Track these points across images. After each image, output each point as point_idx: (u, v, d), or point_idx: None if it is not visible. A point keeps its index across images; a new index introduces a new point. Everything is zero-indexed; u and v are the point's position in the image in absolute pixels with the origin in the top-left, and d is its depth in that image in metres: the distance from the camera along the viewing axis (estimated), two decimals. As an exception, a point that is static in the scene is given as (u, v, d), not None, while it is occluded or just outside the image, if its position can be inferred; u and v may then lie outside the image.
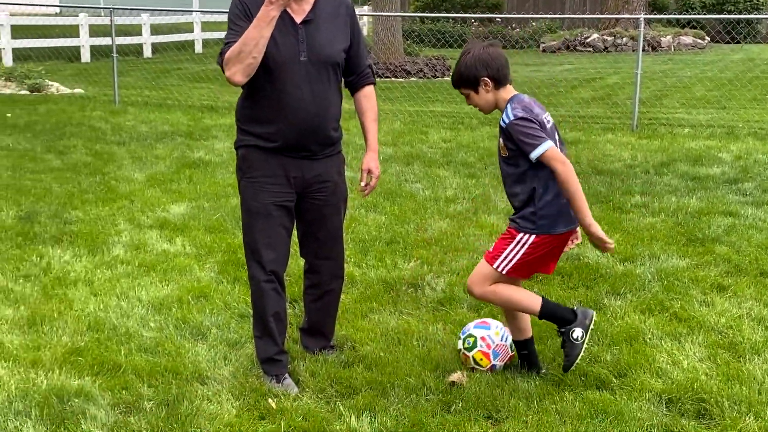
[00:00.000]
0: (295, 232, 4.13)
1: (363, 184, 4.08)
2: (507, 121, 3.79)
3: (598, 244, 3.84)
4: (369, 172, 4.09)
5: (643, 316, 4.91)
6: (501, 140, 3.89)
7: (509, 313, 4.16)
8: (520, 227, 3.91)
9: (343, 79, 4.07)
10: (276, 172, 3.88)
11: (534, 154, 3.73)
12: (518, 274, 3.99)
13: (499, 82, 3.87)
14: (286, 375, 4.06)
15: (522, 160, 3.82)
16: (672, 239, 6.43)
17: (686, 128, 11.39)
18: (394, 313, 5.00)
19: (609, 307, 5.06)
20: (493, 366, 4.18)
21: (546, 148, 3.72)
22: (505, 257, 3.93)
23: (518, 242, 3.90)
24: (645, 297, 5.22)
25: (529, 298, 4.02)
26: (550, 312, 3.99)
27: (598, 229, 3.79)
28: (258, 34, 3.57)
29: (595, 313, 4.04)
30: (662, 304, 5.08)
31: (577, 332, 3.93)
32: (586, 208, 3.77)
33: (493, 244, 4.03)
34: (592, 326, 3.98)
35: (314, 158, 3.92)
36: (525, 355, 4.18)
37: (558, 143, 3.90)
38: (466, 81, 3.90)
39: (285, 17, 3.74)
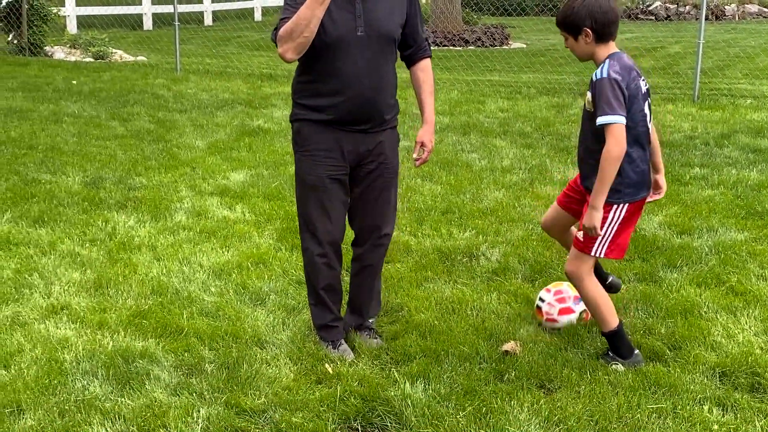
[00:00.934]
0: None
1: (415, 155, 4.12)
2: (599, 76, 3.71)
3: (589, 228, 3.77)
4: (422, 144, 4.10)
5: (699, 289, 4.90)
6: (588, 94, 3.82)
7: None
8: (607, 200, 3.79)
9: (398, 53, 4.05)
10: (331, 145, 3.90)
11: (600, 120, 3.67)
12: (615, 254, 3.93)
13: (602, 36, 3.78)
14: (342, 341, 4.15)
15: None
16: (730, 212, 6.37)
17: (748, 99, 11.20)
18: (449, 282, 5.06)
19: (665, 279, 5.06)
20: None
21: (614, 120, 3.64)
22: (601, 240, 3.87)
23: (610, 219, 3.84)
24: (701, 270, 5.20)
25: (610, 311, 3.97)
26: (619, 338, 3.96)
27: (596, 217, 3.74)
28: (310, 14, 3.60)
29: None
30: (719, 277, 5.06)
31: (619, 368, 3.92)
32: (604, 194, 3.71)
33: (581, 231, 3.93)
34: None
35: (368, 132, 3.94)
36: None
37: (648, 109, 3.85)
38: (568, 25, 3.83)
39: None
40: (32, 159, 7.75)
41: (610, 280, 4.38)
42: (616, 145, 3.65)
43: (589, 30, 3.77)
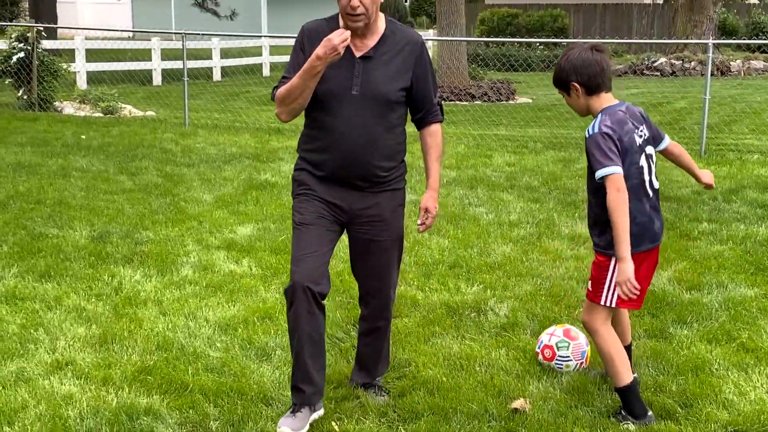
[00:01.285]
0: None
1: (419, 221, 4.05)
2: (591, 132, 3.82)
3: (621, 282, 3.74)
4: (426, 210, 4.02)
5: (710, 345, 4.85)
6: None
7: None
8: (606, 253, 3.87)
9: (409, 116, 4.03)
10: (325, 192, 3.89)
11: (598, 173, 3.74)
12: (628, 304, 3.94)
13: (591, 89, 3.87)
14: (303, 410, 3.80)
15: None
16: (740, 268, 6.34)
17: (756, 155, 11.21)
18: (457, 337, 5.02)
19: (675, 336, 5.01)
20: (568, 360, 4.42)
21: (610, 171, 3.71)
22: (607, 289, 3.89)
23: (611, 269, 3.87)
24: (712, 326, 5.15)
25: (625, 366, 3.94)
26: (632, 394, 3.92)
27: (628, 268, 3.72)
28: (303, 85, 3.67)
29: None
30: (729, 334, 5.01)
31: (630, 427, 3.87)
32: (624, 242, 3.71)
33: (590, 281, 3.98)
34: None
35: (364, 191, 3.89)
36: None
37: (647, 160, 3.89)
38: (560, 83, 3.96)
39: (346, 51, 3.72)
40: (40, 213, 7.77)
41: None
42: (617, 193, 3.70)
43: (576, 84, 3.88)
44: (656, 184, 4.00)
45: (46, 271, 6.10)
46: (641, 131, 3.91)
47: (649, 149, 3.96)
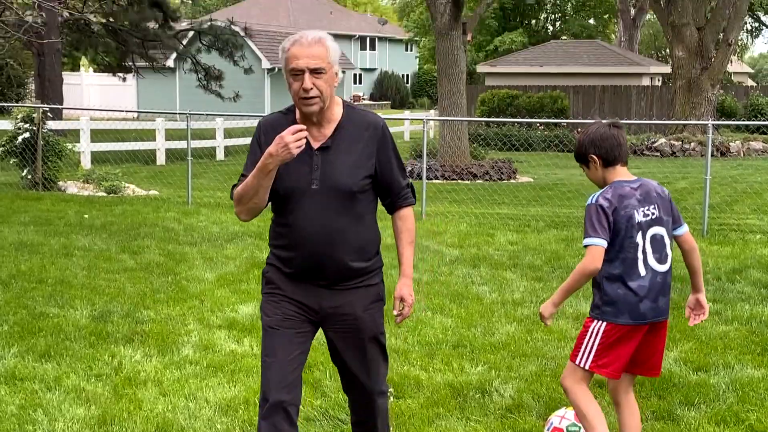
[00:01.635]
0: None
1: (396, 312, 3.79)
2: (589, 201, 4.00)
3: (540, 311, 4.11)
4: (401, 299, 3.78)
5: (718, 428, 4.77)
6: None
7: (617, 407, 4.18)
8: (591, 315, 4.02)
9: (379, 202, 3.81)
10: (293, 292, 3.65)
11: (584, 242, 3.94)
12: (604, 371, 3.96)
13: (607, 161, 4.04)
14: None
15: None
16: (746, 348, 6.28)
17: (758, 234, 11.21)
18: (461, 419, 4.94)
19: (682, 417, 4.93)
20: None
21: (593, 242, 3.88)
22: (583, 350, 3.99)
23: (590, 332, 3.98)
24: (719, 408, 5.07)
25: (601, 426, 3.92)
26: None
27: (545, 307, 4.09)
28: (257, 184, 3.47)
29: None
30: (737, 415, 4.94)
31: None
32: (561, 294, 4.03)
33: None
34: None
35: (333, 288, 3.65)
36: None
37: (642, 239, 3.94)
38: (580, 157, 4.13)
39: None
40: (41, 293, 7.74)
41: None
42: (589, 263, 3.89)
43: (594, 157, 4.04)
44: (660, 267, 4.00)
45: (46, 351, 6.04)
46: (648, 209, 3.97)
47: (656, 229, 3.99)
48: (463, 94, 19.02)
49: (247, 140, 24.65)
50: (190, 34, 28.31)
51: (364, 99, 61.13)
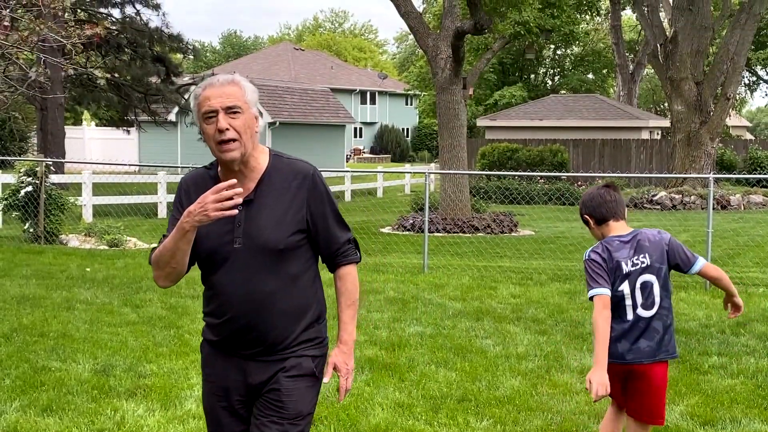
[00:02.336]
0: None
1: (326, 380, 3.36)
2: (584, 258, 4.33)
3: (587, 379, 4.11)
4: (335, 368, 3.37)
5: (728, 483, 4.72)
6: None
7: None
8: None
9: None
10: (222, 372, 3.32)
11: (588, 294, 4.24)
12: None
13: (599, 220, 4.37)
14: None
15: None
16: (753, 402, 6.23)
17: (761, 287, 11.19)
18: (468, 474, 4.88)
19: (691, 472, 4.87)
20: None
21: (595, 293, 4.19)
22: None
23: None
24: (729, 463, 5.02)
25: None
26: None
27: (592, 375, 4.07)
28: (174, 246, 3.12)
29: None
30: (747, 470, 4.88)
31: None
32: (598, 354, 4.12)
33: None
34: None
35: (261, 359, 3.26)
36: None
37: (633, 288, 4.23)
38: (582, 218, 4.46)
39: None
40: (43, 346, 7.70)
41: None
42: (598, 313, 4.16)
43: (587, 217, 4.41)
44: (644, 312, 4.27)
45: (48, 405, 6.00)
46: (638, 259, 4.26)
47: (646, 277, 4.26)
48: (463, 147, 19.13)
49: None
50: (192, 88, 28.56)
51: (364, 152, 61.47)
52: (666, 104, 45.62)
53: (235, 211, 3.02)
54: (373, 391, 6.44)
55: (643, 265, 4.23)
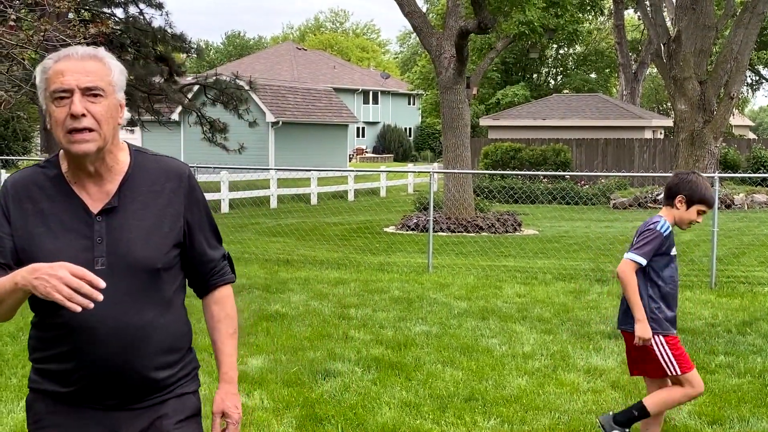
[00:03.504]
0: None
1: None
2: (658, 226, 4.77)
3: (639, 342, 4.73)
4: (223, 415, 2.75)
5: (737, 482, 4.71)
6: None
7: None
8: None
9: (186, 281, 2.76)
10: (73, 430, 2.57)
11: (626, 254, 4.79)
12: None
13: (695, 203, 4.87)
14: None
15: None
16: (760, 401, 6.22)
17: (766, 287, 11.18)
18: (476, 473, 4.88)
19: (700, 471, 4.87)
20: None
21: (632, 258, 4.75)
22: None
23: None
24: (737, 462, 5.01)
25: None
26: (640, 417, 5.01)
27: (643, 329, 4.71)
28: (3, 294, 2.42)
29: None
30: (756, 469, 4.88)
31: None
32: (637, 309, 4.76)
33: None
34: None
35: (133, 408, 2.58)
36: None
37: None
38: (675, 196, 4.89)
39: (74, 205, 2.51)
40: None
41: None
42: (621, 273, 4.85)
43: (686, 197, 4.83)
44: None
45: None
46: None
47: None
48: (467, 146, 19.12)
49: (253, 193, 24.74)
50: (195, 88, 28.57)
51: (367, 152, 61.47)
52: (669, 104, 45.58)
53: (87, 301, 2.27)
54: (379, 390, 6.44)
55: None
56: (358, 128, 61.76)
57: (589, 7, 22.16)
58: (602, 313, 9.39)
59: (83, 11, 24.99)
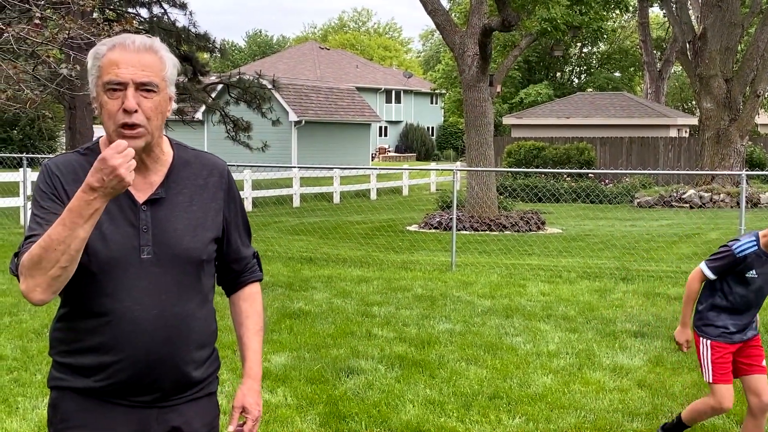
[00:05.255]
0: None
1: (231, 428, 2.65)
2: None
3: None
4: (243, 410, 2.67)
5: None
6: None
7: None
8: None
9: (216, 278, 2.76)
10: (102, 431, 2.50)
11: (702, 262, 4.73)
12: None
13: None
14: None
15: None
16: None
17: (795, 285, 11.03)
18: (501, 471, 4.83)
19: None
20: None
21: (701, 268, 4.68)
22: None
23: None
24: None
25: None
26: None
27: (678, 333, 4.83)
28: (68, 234, 2.25)
29: None
30: (787, 470, 4.80)
31: None
32: (684, 317, 4.80)
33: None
34: None
35: (164, 405, 2.54)
36: None
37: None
38: None
39: (120, 194, 2.36)
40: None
41: None
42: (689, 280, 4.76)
43: None
44: None
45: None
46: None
47: None
48: (490, 145, 19.05)
49: (276, 192, 24.78)
50: (219, 87, 28.67)
51: (389, 151, 61.46)
52: (693, 102, 45.25)
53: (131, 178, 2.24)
54: (403, 388, 6.40)
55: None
56: (380, 127, 61.74)
57: (613, 5, 21.98)
58: (628, 312, 9.31)
59: (107, 10, 25.12)
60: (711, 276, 4.63)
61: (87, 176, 2.24)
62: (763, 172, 15.29)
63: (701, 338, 4.71)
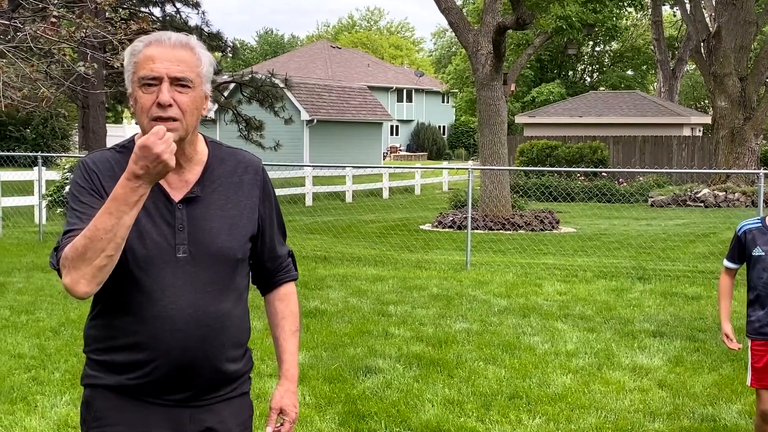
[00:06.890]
0: None
1: (270, 430, 2.67)
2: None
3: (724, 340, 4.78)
4: (281, 412, 2.69)
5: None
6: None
7: None
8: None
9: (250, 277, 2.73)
10: (136, 429, 2.49)
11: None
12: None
13: None
14: None
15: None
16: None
17: (813, 284, 10.95)
18: (524, 472, 4.80)
19: (754, 472, 4.75)
20: None
21: (726, 263, 4.82)
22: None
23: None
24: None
25: None
26: None
27: (724, 328, 4.81)
28: (115, 223, 2.25)
29: None
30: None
31: None
32: (721, 313, 4.88)
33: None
34: None
35: (198, 405, 2.52)
36: None
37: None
38: None
39: (155, 192, 2.43)
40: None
41: None
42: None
43: None
44: None
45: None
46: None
47: None
48: (504, 144, 18.99)
49: (288, 191, 24.78)
50: (231, 86, 28.69)
51: (401, 150, 61.42)
52: (707, 101, 45.07)
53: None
54: (422, 387, 6.37)
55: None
56: (392, 126, 61.72)
57: (627, 2, 21.90)
58: (645, 312, 9.25)
59: (121, 9, 25.11)
60: (727, 264, 4.75)
61: (129, 164, 2.23)
62: (779, 171, 15.16)
63: (747, 339, 4.65)
